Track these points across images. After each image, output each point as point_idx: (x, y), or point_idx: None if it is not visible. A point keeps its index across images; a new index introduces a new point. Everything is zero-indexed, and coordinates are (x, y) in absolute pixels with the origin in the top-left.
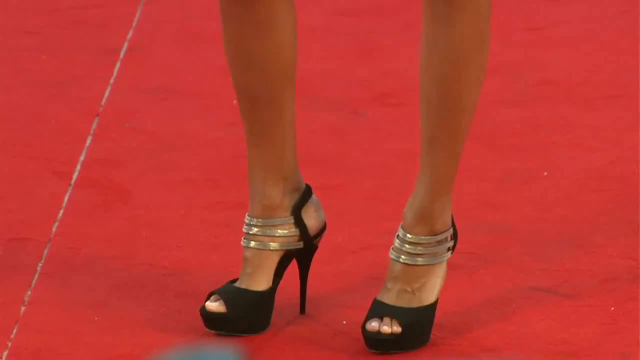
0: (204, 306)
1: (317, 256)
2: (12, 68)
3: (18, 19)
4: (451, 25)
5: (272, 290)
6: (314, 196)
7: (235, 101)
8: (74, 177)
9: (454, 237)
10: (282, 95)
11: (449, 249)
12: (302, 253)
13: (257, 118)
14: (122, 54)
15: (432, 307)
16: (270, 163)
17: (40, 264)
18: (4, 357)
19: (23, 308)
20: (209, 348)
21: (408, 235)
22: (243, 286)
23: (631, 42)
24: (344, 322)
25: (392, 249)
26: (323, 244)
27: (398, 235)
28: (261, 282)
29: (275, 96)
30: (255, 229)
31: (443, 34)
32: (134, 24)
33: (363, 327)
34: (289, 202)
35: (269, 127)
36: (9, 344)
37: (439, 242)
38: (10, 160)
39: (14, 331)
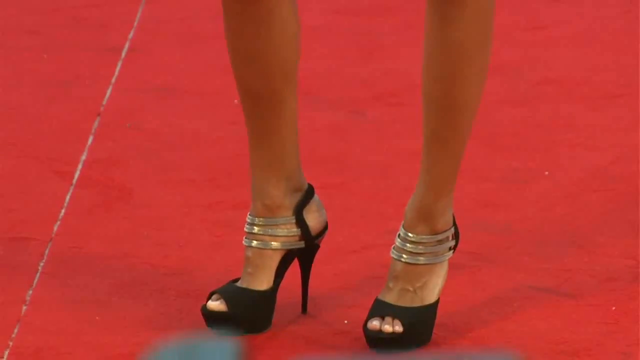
0: (205, 305)
1: (318, 255)
2: (13, 67)
3: (19, 18)
4: (453, 24)
5: (273, 290)
6: (316, 196)
7: (236, 100)
8: (76, 176)
9: (456, 236)
10: (283, 93)
11: (450, 249)
12: (303, 253)
13: (258, 116)
14: (123, 54)
15: (434, 306)
16: (272, 162)
17: (41, 264)
18: (5, 357)
19: (24, 307)
20: (205, 341)
21: (409, 234)
22: (244, 285)
23: (632, 42)
24: (346, 321)
25: (394, 248)
26: (324, 244)
27: (399, 235)
28: (262, 282)
29: (276, 94)
30: (257, 229)
31: (445, 32)
32: (135, 23)
33: (364, 326)
34: (290, 201)
35: (270, 126)
36: (10, 344)
37: (440, 242)
38: (11, 159)
39: (15, 330)
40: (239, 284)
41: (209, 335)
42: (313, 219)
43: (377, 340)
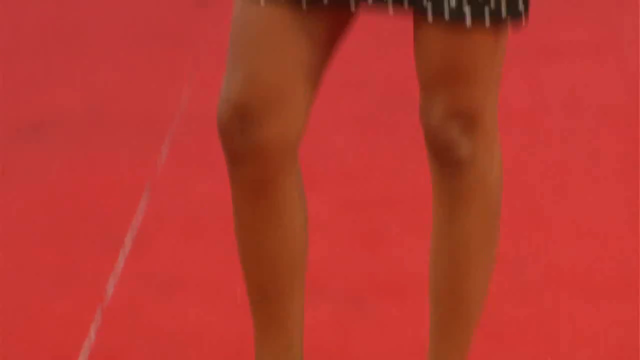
0: None
1: None
2: (14, 259)
3: (19, 211)
4: (460, 220)
5: None
6: None
7: (239, 291)
8: None
9: None
10: (290, 286)
11: None
12: None
13: (265, 310)
14: (126, 245)
15: None
16: (276, 354)
17: None
18: None
19: None
20: None
21: None
22: None
23: (633, 234)
24: None
25: None
26: None
27: None
28: None
29: (283, 287)
30: None
31: (452, 227)
32: (139, 214)
33: None
34: None
35: (277, 319)
36: None
37: None
38: (12, 350)
39: None
40: None
41: None
42: None
43: None
